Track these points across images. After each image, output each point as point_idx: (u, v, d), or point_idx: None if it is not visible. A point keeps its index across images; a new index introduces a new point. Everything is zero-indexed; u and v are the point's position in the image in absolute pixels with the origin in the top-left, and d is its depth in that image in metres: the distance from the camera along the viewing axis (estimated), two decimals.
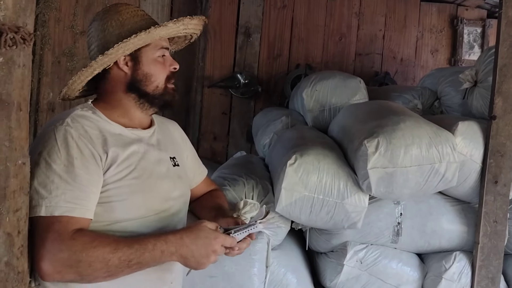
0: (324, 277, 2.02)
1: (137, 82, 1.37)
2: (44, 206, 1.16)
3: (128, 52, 1.33)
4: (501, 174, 1.90)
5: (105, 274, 1.16)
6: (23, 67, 1.05)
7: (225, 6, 3.56)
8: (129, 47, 1.31)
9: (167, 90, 1.40)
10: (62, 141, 1.23)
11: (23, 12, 1.04)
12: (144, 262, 1.19)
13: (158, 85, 1.38)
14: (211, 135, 3.59)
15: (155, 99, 1.39)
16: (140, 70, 1.37)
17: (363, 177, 1.80)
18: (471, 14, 3.66)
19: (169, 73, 1.40)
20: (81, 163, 1.22)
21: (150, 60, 1.37)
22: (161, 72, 1.39)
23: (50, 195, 1.17)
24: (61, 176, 1.19)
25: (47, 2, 3.38)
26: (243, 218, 1.82)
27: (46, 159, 1.20)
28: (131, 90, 1.38)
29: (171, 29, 1.36)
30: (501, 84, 1.89)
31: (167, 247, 1.21)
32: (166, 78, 1.39)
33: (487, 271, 1.93)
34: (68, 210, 1.17)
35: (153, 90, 1.38)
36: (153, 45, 1.37)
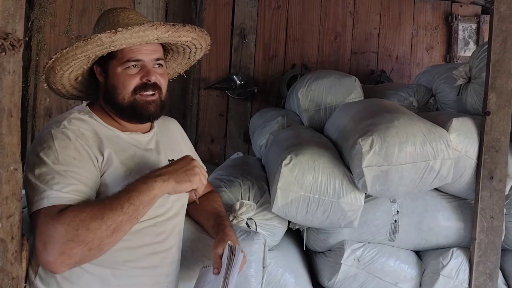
0: (322, 276, 2.02)
1: (108, 93, 1.38)
2: (46, 198, 1.17)
3: (81, 55, 1.30)
4: (496, 170, 1.90)
5: (108, 232, 1.15)
6: (13, 73, 1.06)
7: (219, 8, 3.56)
8: (82, 50, 1.28)
9: (137, 102, 1.35)
10: (59, 142, 1.24)
11: (12, 19, 1.05)
12: (136, 202, 1.18)
13: (124, 97, 1.35)
14: (209, 137, 3.60)
15: (127, 111, 1.37)
16: (109, 82, 1.38)
17: (358, 176, 1.80)
18: (466, 10, 3.66)
19: (138, 84, 1.35)
20: (79, 162, 1.23)
21: (115, 73, 1.36)
22: (127, 84, 1.35)
23: (51, 189, 1.18)
24: (60, 173, 1.20)
25: (42, 8, 3.39)
26: (239, 219, 1.82)
27: (45, 159, 1.21)
28: (106, 101, 1.39)
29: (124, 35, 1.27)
30: (494, 79, 1.90)
31: (148, 177, 1.23)
32: (133, 89, 1.35)
33: (484, 267, 1.93)
34: (70, 199, 1.18)
35: (121, 101, 1.36)
36: (119, 57, 1.35)
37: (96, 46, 1.27)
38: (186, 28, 1.36)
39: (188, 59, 1.57)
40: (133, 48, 1.34)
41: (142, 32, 1.28)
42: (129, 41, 1.29)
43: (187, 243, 1.56)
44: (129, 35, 1.27)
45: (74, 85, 1.45)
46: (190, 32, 1.40)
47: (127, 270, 1.29)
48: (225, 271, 1.28)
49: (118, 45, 1.29)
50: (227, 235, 1.42)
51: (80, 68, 1.37)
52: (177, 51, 1.52)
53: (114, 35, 1.25)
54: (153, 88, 1.37)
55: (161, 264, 1.37)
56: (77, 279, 1.23)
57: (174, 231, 1.42)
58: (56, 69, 1.33)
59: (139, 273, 1.31)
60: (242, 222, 1.83)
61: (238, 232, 1.64)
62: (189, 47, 1.49)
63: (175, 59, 1.58)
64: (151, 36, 1.31)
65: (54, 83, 1.41)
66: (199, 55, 1.57)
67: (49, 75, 1.36)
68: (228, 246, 1.33)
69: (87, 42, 1.26)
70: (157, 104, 1.39)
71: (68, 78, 1.40)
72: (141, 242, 1.30)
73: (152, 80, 1.36)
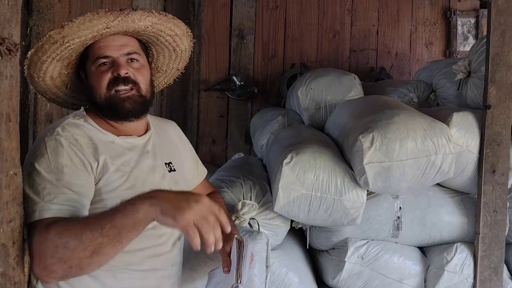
0: (326, 275, 2.01)
1: (89, 94, 1.38)
2: (38, 211, 1.17)
3: (44, 57, 1.28)
4: (498, 163, 1.89)
5: (86, 253, 1.09)
6: (10, 78, 1.06)
7: (217, 10, 3.56)
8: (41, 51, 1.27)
9: (112, 98, 1.34)
10: (52, 150, 1.23)
11: (8, 23, 1.05)
12: (119, 225, 1.09)
13: (100, 95, 1.35)
14: (210, 139, 3.59)
15: (105, 109, 1.36)
16: (88, 83, 1.38)
17: (360, 173, 1.80)
18: (464, 5, 3.65)
19: (110, 79, 1.33)
20: (70, 170, 1.22)
21: (91, 72, 1.36)
22: (100, 81, 1.34)
23: (43, 201, 1.18)
24: (52, 182, 1.20)
25: (40, 14, 3.39)
26: (241, 219, 1.82)
27: (37, 168, 1.21)
28: (90, 102, 1.40)
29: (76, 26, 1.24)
30: (494, 73, 1.89)
31: (139, 199, 1.10)
32: (106, 86, 1.34)
33: (489, 261, 1.92)
34: (61, 211, 1.18)
35: (99, 101, 1.36)
36: (91, 56, 1.35)
37: (51, 44, 1.25)
38: (139, 12, 1.30)
39: (174, 50, 1.50)
40: (101, 45, 1.33)
41: (88, 22, 1.24)
42: (79, 33, 1.25)
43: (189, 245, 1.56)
44: (76, 28, 1.23)
45: (68, 93, 1.45)
46: (146, 17, 1.31)
47: (128, 273, 1.28)
48: (237, 262, 1.26)
49: (70, 40, 1.25)
50: (232, 233, 1.42)
51: (58, 72, 1.36)
52: (156, 43, 1.47)
53: (62, 29, 1.23)
54: (125, 82, 1.34)
55: (162, 267, 1.36)
56: (78, 283, 1.22)
57: (174, 233, 1.41)
58: (34, 76, 1.33)
59: (140, 276, 1.31)
60: (244, 222, 1.83)
61: (240, 232, 1.63)
62: (160, 35, 1.42)
63: (163, 55, 1.53)
64: (99, 25, 1.26)
65: (45, 92, 1.41)
66: (183, 44, 1.49)
67: (34, 84, 1.37)
68: (236, 240, 1.32)
69: (42, 42, 1.25)
70: (135, 100, 1.36)
71: (55, 85, 1.40)
72: (141, 245, 1.30)
73: (122, 73, 1.33)
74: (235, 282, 1.24)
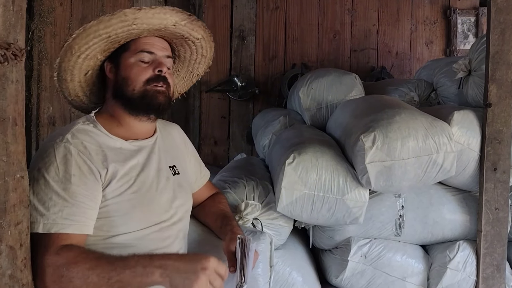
0: (329, 274, 2.02)
1: (118, 86, 1.39)
2: (42, 223, 1.18)
3: (103, 31, 1.31)
4: (499, 161, 1.90)
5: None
6: (16, 82, 1.07)
7: (218, 11, 3.58)
8: (105, 25, 1.30)
9: (147, 92, 1.37)
10: (61, 158, 1.24)
11: (13, 29, 1.06)
12: (125, 281, 1.11)
13: (134, 87, 1.37)
14: (212, 140, 3.61)
15: (136, 102, 1.38)
16: (120, 75, 1.40)
17: (362, 172, 1.81)
18: (464, 3, 3.67)
19: (151, 76, 1.38)
20: (79, 180, 1.23)
21: (127, 64, 1.39)
22: (138, 75, 1.37)
23: (48, 212, 1.18)
24: (59, 193, 1.20)
25: (42, 18, 3.41)
26: (245, 220, 1.83)
27: (45, 175, 1.22)
28: (115, 96, 1.40)
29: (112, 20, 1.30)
30: (494, 71, 1.90)
31: (150, 262, 1.12)
32: (146, 80, 1.37)
33: (491, 258, 1.93)
34: (64, 227, 1.19)
35: (131, 93, 1.37)
36: (132, 49, 1.39)
37: (120, 21, 1.29)
38: (199, 23, 1.42)
39: (191, 73, 1.60)
40: (148, 41, 1.39)
41: (163, 14, 1.32)
42: (150, 20, 1.32)
43: (194, 245, 1.57)
44: (151, 14, 1.31)
45: (82, 82, 1.44)
46: (201, 29, 1.44)
47: None
48: (240, 262, 1.28)
49: (139, 23, 1.31)
50: (236, 233, 1.43)
51: (94, 55, 1.37)
52: (183, 58, 1.55)
53: (138, 11, 1.29)
54: (164, 81, 1.40)
55: None
56: None
57: (179, 236, 1.42)
58: (73, 49, 1.33)
59: None
60: (247, 223, 1.84)
61: (244, 232, 1.64)
62: (196, 52, 1.52)
63: (178, 73, 1.61)
64: (171, 19, 1.34)
65: (65, 70, 1.38)
66: (202, 68, 1.60)
67: (65, 58, 1.35)
68: (239, 239, 1.33)
69: (111, 16, 1.29)
70: (166, 95, 1.41)
71: (80, 67, 1.39)
72: (146, 247, 1.30)
73: (163, 71, 1.39)
74: (239, 281, 1.25)
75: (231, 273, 1.32)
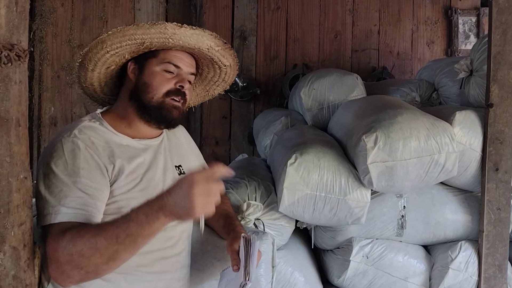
0: (331, 274, 2.02)
1: (137, 90, 1.40)
2: (54, 214, 1.18)
3: (139, 36, 1.34)
4: (501, 161, 1.90)
5: (102, 259, 1.12)
6: (19, 83, 1.08)
7: (219, 11, 3.58)
8: (143, 32, 1.33)
9: (165, 104, 1.39)
10: (69, 152, 1.25)
11: (17, 30, 1.06)
12: (134, 233, 1.12)
13: (154, 96, 1.38)
14: (213, 140, 3.61)
15: (151, 111, 1.39)
16: (142, 79, 1.40)
17: (363, 172, 1.81)
18: (465, 3, 3.66)
19: (172, 88, 1.39)
20: (87, 173, 1.24)
21: (152, 71, 1.40)
22: (161, 84, 1.39)
23: (59, 204, 1.19)
24: (69, 185, 1.21)
25: (43, 18, 3.42)
26: (247, 220, 1.84)
27: (54, 169, 1.23)
28: (132, 98, 1.41)
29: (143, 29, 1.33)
30: (496, 71, 1.90)
31: (151, 209, 1.13)
32: (166, 92, 1.39)
33: (493, 258, 1.93)
34: (76, 216, 1.19)
35: (148, 101, 1.38)
36: (160, 57, 1.40)
37: (159, 32, 1.32)
38: (232, 52, 1.47)
39: (207, 91, 1.66)
40: (177, 54, 1.41)
41: (201, 36, 1.36)
42: (187, 39, 1.35)
43: (197, 246, 1.58)
44: (190, 34, 1.35)
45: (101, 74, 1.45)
46: (231, 58, 1.50)
47: (139, 275, 1.30)
48: (244, 260, 1.29)
49: (176, 40, 1.35)
50: (239, 232, 1.43)
51: (123, 54, 1.40)
52: (204, 77, 1.59)
53: (179, 28, 1.33)
54: (183, 96, 1.42)
55: (171, 269, 1.38)
56: (89, 285, 1.24)
57: (182, 236, 1.43)
58: (105, 44, 1.35)
59: (150, 278, 1.32)
60: (249, 223, 1.84)
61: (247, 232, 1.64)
62: (219, 76, 1.57)
63: (194, 88, 1.63)
64: (207, 43, 1.39)
65: (91, 60, 1.40)
66: (218, 90, 1.66)
67: (93, 50, 1.36)
68: (243, 238, 1.34)
69: (152, 26, 1.32)
70: (181, 111, 1.43)
71: (106, 60, 1.40)
72: (151, 247, 1.30)
73: (185, 87, 1.41)
74: (244, 280, 1.25)
75: (235, 272, 1.32)
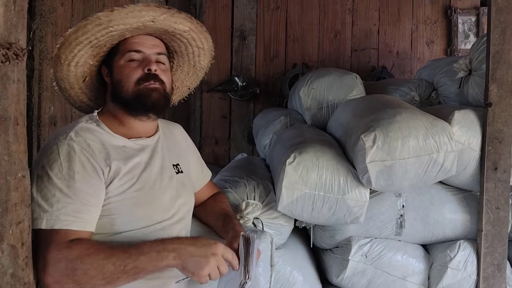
0: (330, 273, 2.03)
1: (114, 89, 1.40)
2: (45, 219, 1.18)
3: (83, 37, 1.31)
4: (500, 161, 1.90)
5: (102, 282, 1.15)
6: (17, 82, 1.08)
7: (219, 11, 3.58)
8: (82, 31, 1.31)
9: (140, 91, 1.36)
10: (64, 155, 1.25)
11: (15, 29, 1.06)
12: (141, 266, 1.17)
13: (128, 89, 1.37)
14: (213, 139, 3.62)
15: (132, 103, 1.37)
16: (114, 78, 1.40)
17: (362, 172, 1.81)
18: (465, 3, 3.67)
19: (140, 76, 1.37)
20: (82, 177, 1.23)
21: (119, 66, 1.39)
22: (129, 76, 1.37)
23: (51, 209, 1.19)
24: (62, 189, 1.21)
25: (43, 18, 3.42)
26: (246, 219, 1.84)
27: (48, 172, 1.23)
28: (113, 98, 1.41)
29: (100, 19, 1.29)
30: (494, 71, 1.90)
31: (164, 247, 1.19)
32: (136, 81, 1.37)
33: (492, 258, 1.93)
34: (68, 223, 1.19)
35: (125, 95, 1.37)
36: (121, 50, 1.39)
37: (95, 26, 1.29)
38: (182, 15, 1.37)
39: (194, 66, 1.57)
40: (135, 41, 1.38)
41: (137, 11, 1.30)
42: (125, 20, 1.30)
43: None
44: (125, 14, 1.29)
45: (82, 88, 1.46)
46: (186, 21, 1.39)
47: None
48: (244, 259, 1.29)
49: (115, 25, 1.30)
50: (238, 231, 1.43)
51: (85, 62, 1.38)
52: (180, 53, 1.52)
53: (111, 13, 1.28)
54: (155, 79, 1.38)
55: None
56: None
57: (180, 235, 1.43)
58: (61, 58, 1.34)
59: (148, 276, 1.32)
60: (248, 222, 1.84)
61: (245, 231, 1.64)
62: (190, 45, 1.48)
63: (181, 69, 1.58)
64: (147, 16, 1.31)
65: (62, 79, 1.41)
66: (204, 61, 1.56)
67: (56, 68, 1.37)
68: (242, 236, 1.34)
69: (86, 22, 1.28)
70: (161, 93, 1.39)
71: (75, 75, 1.41)
72: None
73: (153, 69, 1.37)
74: (243, 278, 1.25)
75: (234, 271, 1.32)
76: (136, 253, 1.17)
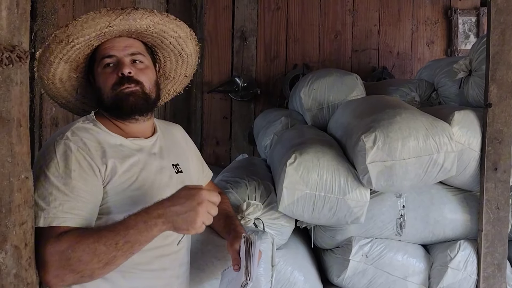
0: (331, 273, 2.03)
1: (97, 97, 1.41)
2: (43, 217, 1.19)
3: (51, 57, 1.31)
4: (500, 161, 1.91)
5: (100, 265, 1.15)
6: (20, 84, 1.09)
7: (219, 12, 3.59)
8: (48, 51, 1.30)
9: (117, 96, 1.36)
10: (61, 154, 1.26)
11: (18, 31, 1.07)
12: (133, 240, 1.16)
13: (107, 95, 1.37)
14: (214, 140, 3.62)
15: (112, 108, 1.38)
16: (95, 86, 1.41)
17: (363, 172, 1.82)
18: (465, 3, 3.67)
19: (115, 80, 1.36)
20: (78, 175, 1.24)
21: (97, 74, 1.40)
22: (106, 82, 1.37)
23: (49, 207, 1.20)
24: (59, 187, 1.22)
25: (44, 19, 3.43)
26: (247, 219, 1.85)
27: (45, 172, 1.23)
28: (99, 105, 1.42)
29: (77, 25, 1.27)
30: (494, 71, 1.91)
31: (149, 216, 1.17)
32: (111, 87, 1.36)
33: (492, 258, 1.94)
34: (65, 220, 1.20)
35: (106, 101, 1.38)
36: (97, 58, 1.39)
37: (57, 44, 1.28)
38: (140, 11, 1.32)
39: (180, 55, 1.52)
40: (107, 46, 1.37)
41: (91, 20, 1.28)
42: (83, 32, 1.28)
43: (197, 245, 1.59)
44: (80, 26, 1.27)
45: (79, 99, 1.48)
46: (147, 16, 1.33)
47: (137, 272, 1.31)
48: (246, 260, 1.29)
49: (75, 39, 1.28)
50: (240, 232, 1.44)
51: (67, 75, 1.39)
52: (161, 46, 1.49)
53: (67, 28, 1.27)
54: (129, 82, 1.36)
55: (170, 267, 1.39)
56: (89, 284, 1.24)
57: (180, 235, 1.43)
58: (43, 79, 1.36)
59: (149, 275, 1.33)
60: (249, 222, 1.85)
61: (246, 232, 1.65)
62: (163, 37, 1.44)
63: (169, 59, 1.55)
64: (102, 23, 1.29)
65: (56, 97, 1.44)
66: (188, 47, 1.50)
67: (45, 88, 1.40)
68: (244, 238, 1.35)
69: (48, 41, 1.28)
70: (138, 95, 1.37)
71: (64, 89, 1.43)
72: (150, 245, 1.31)
73: (125, 72, 1.35)
74: (245, 279, 1.26)
75: (235, 272, 1.33)
76: (123, 228, 1.16)
